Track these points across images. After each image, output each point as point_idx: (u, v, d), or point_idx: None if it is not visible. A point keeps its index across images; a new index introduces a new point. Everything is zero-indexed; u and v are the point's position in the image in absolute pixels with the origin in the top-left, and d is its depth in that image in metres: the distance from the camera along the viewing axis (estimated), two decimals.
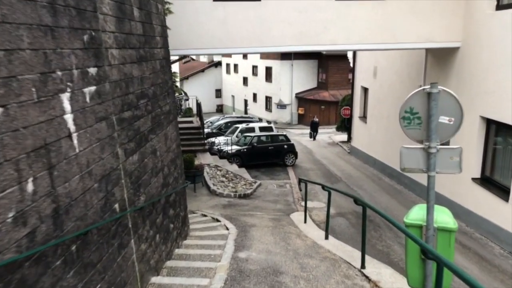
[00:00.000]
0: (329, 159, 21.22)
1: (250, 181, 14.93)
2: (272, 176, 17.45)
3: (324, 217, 11.36)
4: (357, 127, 21.69)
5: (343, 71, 37.34)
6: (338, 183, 16.02)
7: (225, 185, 13.70)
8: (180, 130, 18.16)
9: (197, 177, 12.80)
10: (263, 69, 40.10)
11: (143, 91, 5.78)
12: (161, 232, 6.14)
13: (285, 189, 14.87)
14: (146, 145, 5.74)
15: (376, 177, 16.97)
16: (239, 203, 12.24)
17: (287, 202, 13.00)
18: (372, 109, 19.09)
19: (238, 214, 10.43)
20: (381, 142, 17.79)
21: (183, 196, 8.06)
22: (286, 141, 20.09)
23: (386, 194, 14.38)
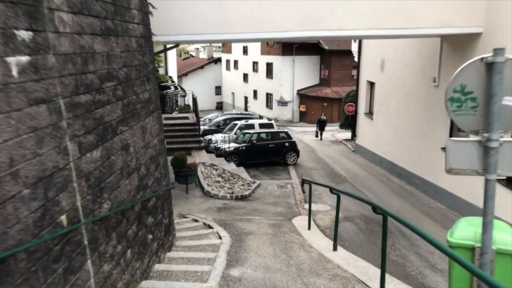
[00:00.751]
0: (333, 158, 20.07)
1: (248, 181, 13.79)
2: (272, 176, 16.31)
3: (329, 221, 10.23)
4: (362, 124, 20.54)
5: (346, 67, 36.24)
6: (344, 184, 14.88)
7: (221, 185, 12.56)
8: (175, 126, 17.05)
9: (190, 177, 11.66)
10: (264, 65, 38.94)
11: (111, 72, 4.64)
12: (135, 246, 5.00)
13: (286, 190, 13.73)
14: (114, 139, 4.60)
15: (384, 177, 15.82)
16: (236, 205, 11.10)
17: (288, 205, 11.86)
18: (379, 104, 17.93)
19: (234, 219, 9.29)
20: (389, 140, 16.64)
21: (168, 200, 6.92)
22: (287, 138, 18.94)
23: (397, 196, 13.22)
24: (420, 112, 13.75)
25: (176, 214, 10.05)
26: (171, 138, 16.50)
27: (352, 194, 6.83)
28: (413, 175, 14.23)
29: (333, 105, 35.49)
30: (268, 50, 38.15)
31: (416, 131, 14.02)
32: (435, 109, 12.60)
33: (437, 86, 12.47)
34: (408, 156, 14.77)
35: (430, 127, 12.96)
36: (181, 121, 17.66)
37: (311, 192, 8.83)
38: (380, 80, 17.73)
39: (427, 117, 13.19)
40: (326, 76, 36.70)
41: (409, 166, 14.62)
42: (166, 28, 9.66)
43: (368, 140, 19.42)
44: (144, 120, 5.77)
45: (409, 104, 14.66)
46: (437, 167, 12.43)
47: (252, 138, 18.19)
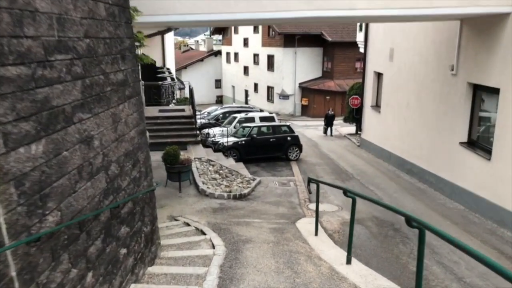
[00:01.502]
0: (337, 153, 18.95)
1: (248, 178, 12.69)
2: (274, 172, 15.20)
3: (338, 224, 9.13)
4: (368, 118, 19.39)
5: (350, 59, 35.04)
6: (350, 181, 13.77)
7: (218, 183, 11.45)
8: (170, 119, 15.91)
9: (183, 174, 10.56)
10: (265, 58, 37.74)
11: (65, 41, 3.52)
12: (99, 267, 3.90)
13: (288, 188, 12.62)
14: (68, 129, 3.49)
15: (394, 174, 14.70)
16: (233, 206, 10.01)
17: (291, 205, 10.76)
18: (387, 97, 16.78)
19: (231, 223, 8.19)
20: (398, 134, 15.50)
21: (150, 204, 5.81)
22: (289, 132, 17.81)
23: (409, 195, 12.10)
24: (434, 103, 12.60)
25: (167, 216, 8.97)
26: (166, 131, 15.42)
27: (373, 199, 5.72)
28: (426, 172, 13.11)
29: (336, 98, 34.30)
30: (269, 42, 36.95)
31: (430, 124, 12.88)
32: (453, 99, 11.46)
33: (455, 75, 11.31)
34: (420, 151, 13.63)
35: (447, 120, 11.82)
36: (177, 114, 16.55)
37: (318, 192, 7.69)
38: (389, 70, 16.56)
39: (443, 109, 12.05)
40: (329, 69, 35.49)
41: (421, 163, 13.50)
42: (154, 7, 8.52)
43: (375, 135, 18.30)
44: (117, 106, 4.65)
45: (422, 95, 13.51)
46: (455, 163, 11.31)
47: (252, 132, 17.07)
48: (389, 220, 9.70)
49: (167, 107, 18.26)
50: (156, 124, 15.68)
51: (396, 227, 9.27)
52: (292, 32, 34.19)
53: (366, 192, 12.34)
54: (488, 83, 9.93)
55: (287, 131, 17.86)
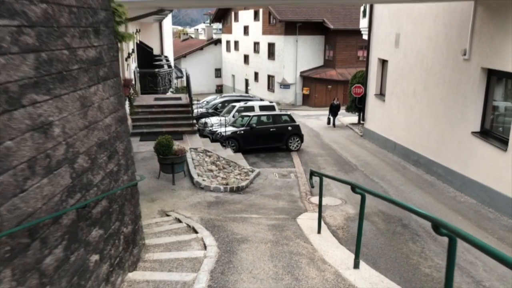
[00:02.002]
0: (340, 143, 18.24)
1: (246, 170, 12.00)
2: (274, 164, 14.51)
3: (342, 219, 8.48)
4: (372, 107, 18.65)
5: (352, 47, 34.20)
6: (354, 173, 13.08)
7: (214, 175, 10.77)
8: (165, 108, 15.18)
9: (177, 165, 9.87)
10: (266, 46, 36.86)
11: (8, 2, 2.80)
12: (60, 280, 3.22)
13: (289, 180, 11.94)
14: (14, 113, 2.78)
15: (399, 165, 14.00)
16: (230, 199, 9.33)
17: (292, 198, 10.09)
18: (392, 85, 16.02)
19: (226, 218, 7.52)
20: (404, 124, 14.78)
21: (132, 201, 5.12)
22: (290, 122, 17.09)
23: (416, 188, 11.42)
24: (444, 91, 11.86)
25: (158, 210, 8.30)
26: (161, 120, 14.72)
27: (387, 197, 4.99)
28: (434, 163, 12.41)
29: (338, 87, 33.52)
30: (270, 30, 36.04)
31: (439, 113, 12.15)
32: (465, 87, 10.71)
33: (467, 60, 10.55)
34: (427, 141, 12.92)
35: (457, 108, 11.09)
36: (173, 102, 15.82)
37: (322, 187, 7.00)
38: (394, 57, 15.78)
39: (454, 97, 11.31)
40: (331, 57, 34.63)
41: (429, 153, 12.79)
42: None
43: (379, 124, 17.57)
44: (87, 89, 3.94)
45: (430, 83, 12.76)
46: (467, 154, 10.60)
47: (251, 122, 16.35)
48: (396, 215, 9.03)
49: (164, 95, 17.53)
50: (151, 113, 14.98)
51: (405, 222, 8.61)
52: (293, 19, 33.29)
53: (371, 185, 11.67)
54: (504, 68, 9.18)
55: (287, 120, 17.14)
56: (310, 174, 7.39)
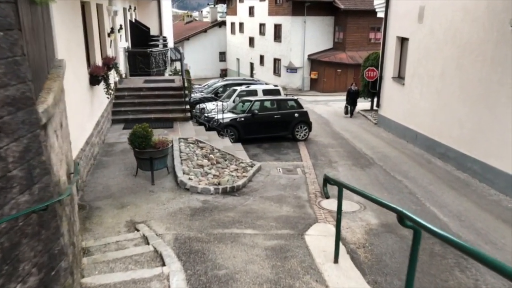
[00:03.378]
0: (352, 132, 16.16)
1: (244, 164, 10.02)
2: (278, 156, 12.50)
3: (363, 233, 6.56)
4: (388, 92, 16.48)
5: (364, 29, 31.75)
6: (372, 168, 11.04)
7: (205, 172, 8.78)
8: (156, 91, 13.12)
9: (157, 161, 7.89)
10: (272, 27, 34.51)
11: None
12: None
13: (295, 177, 9.94)
14: None
15: (422, 159, 11.93)
16: (221, 205, 7.36)
17: (298, 201, 8.10)
18: (414, 66, 13.84)
19: (210, 237, 5.57)
20: (428, 110, 12.66)
21: (42, 235, 3.15)
22: (297, 107, 15.01)
23: (449, 189, 9.37)
24: (484, 70, 9.71)
25: (125, 221, 6.36)
26: (149, 105, 12.76)
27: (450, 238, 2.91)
28: (467, 157, 10.33)
29: (348, 71, 31.21)
30: (276, 10, 33.64)
31: (475, 97, 10.03)
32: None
33: None
34: (459, 131, 10.83)
35: (503, 92, 8.96)
36: (164, 85, 13.80)
37: (341, 202, 5.01)
38: (417, 34, 13.57)
39: (497, 77, 9.17)
40: (341, 40, 32.23)
41: (461, 146, 10.72)
42: None
43: (396, 111, 15.44)
44: None
45: (464, 62, 10.60)
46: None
47: (253, 107, 14.29)
48: None
49: (155, 77, 15.49)
50: (138, 97, 13.00)
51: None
52: None
53: (394, 184, 9.64)
54: None
55: (294, 106, 15.06)
56: (324, 180, 5.38)
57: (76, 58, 7.94)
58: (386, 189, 9.23)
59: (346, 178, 10.03)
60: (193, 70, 41.31)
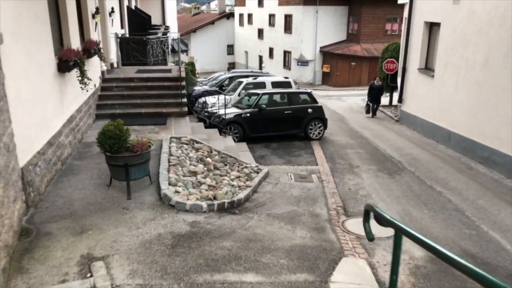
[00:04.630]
0: (372, 130, 14.24)
1: (249, 169, 8.19)
2: (289, 158, 10.63)
3: (406, 274, 4.65)
4: (413, 85, 14.51)
5: (379, 20, 29.71)
6: (402, 174, 9.12)
7: (198, 181, 6.94)
8: (149, 82, 11.11)
9: (135, 168, 6.07)
10: (282, 18, 32.54)
11: None
12: None
13: (310, 186, 8.07)
14: None
15: (461, 164, 9.99)
16: (215, 228, 5.51)
17: (316, 222, 6.24)
18: (447, 54, 11.85)
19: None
20: (466, 106, 10.70)
21: None
22: (311, 102, 13.11)
23: (505, 204, 7.42)
24: None
25: (80, 256, 4.59)
26: (141, 98, 10.97)
27: None
28: None
29: (362, 65, 29.21)
30: (287, 0, 31.63)
31: None
32: None
33: None
34: (509, 131, 8.86)
35: None
36: (159, 75, 11.98)
37: (398, 254, 3.13)
38: (452, 17, 11.56)
39: None
40: (355, 31, 30.18)
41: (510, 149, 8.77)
42: None
43: (423, 106, 13.47)
44: None
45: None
46: None
47: (260, 101, 12.43)
48: (499, 262, 5.13)
49: (151, 67, 13.65)
50: (128, 89, 11.20)
51: None
52: None
53: (433, 196, 7.72)
54: None
55: (307, 100, 13.16)
56: (365, 213, 3.50)
57: (33, 36, 6.13)
58: (424, 204, 7.32)
59: (373, 187, 8.13)
60: (200, 64, 39.50)
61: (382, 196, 7.66)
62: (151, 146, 6.31)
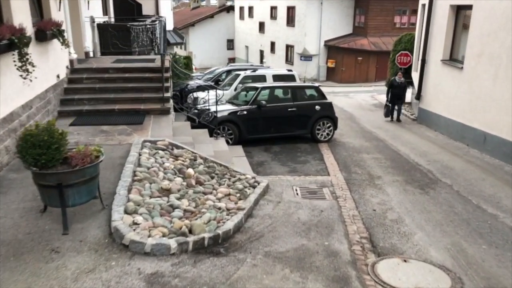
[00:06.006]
0: (387, 131, 12.31)
1: (243, 182, 6.28)
2: (293, 165, 8.69)
3: None
4: (435, 79, 12.55)
5: (388, 12, 27.68)
6: (436, 188, 7.16)
7: (170, 204, 4.97)
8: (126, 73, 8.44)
9: (74, 189, 4.18)
10: (284, 10, 30.52)
11: None
12: None
13: (322, 205, 6.13)
14: None
15: (508, 174, 8.04)
16: (185, 286, 3.58)
17: (334, 266, 4.31)
18: (482, 42, 9.88)
19: None
20: (508, 103, 8.73)
21: None
22: (318, 98, 11.17)
23: None
24: None
25: None
26: (115, 92, 9.07)
27: None
28: None
29: (369, 60, 27.22)
30: None
31: None
32: None
33: None
34: None
35: None
36: (139, 65, 10.04)
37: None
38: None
39: None
40: (362, 24, 28.14)
41: None
42: None
43: (448, 104, 11.53)
44: None
45: None
46: None
47: (260, 97, 10.48)
48: None
49: (132, 56, 11.70)
50: (101, 81, 9.27)
51: None
52: None
53: (487, 222, 5.77)
54: None
55: (314, 96, 11.21)
56: None
57: None
58: (479, 235, 5.37)
59: (404, 208, 6.19)
60: (199, 59, 37.50)
61: (418, 221, 5.72)
62: (100, 156, 4.37)
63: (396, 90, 13.70)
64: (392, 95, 13.77)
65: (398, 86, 13.75)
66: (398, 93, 13.71)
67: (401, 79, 13.89)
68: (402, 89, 13.90)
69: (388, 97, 13.95)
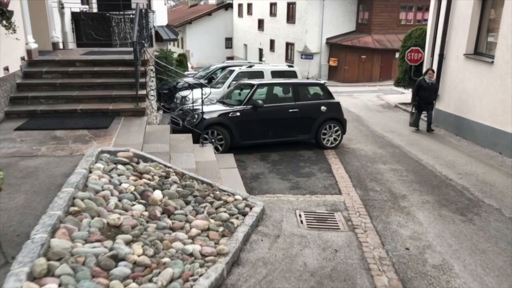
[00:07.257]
0: (401, 135, 10.61)
1: (231, 207, 4.62)
2: (296, 180, 6.96)
3: None
4: (456, 76, 10.86)
5: (393, 8, 25.99)
6: (481, 212, 5.47)
7: (114, 253, 3.32)
8: (95, 66, 6.09)
9: None
10: (284, 7, 28.80)
11: None
12: None
13: (335, 239, 4.46)
14: None
15: None
16: None
17: None
18: None
19: None
20: None
21: None
22: (324, 97, 9.43)
23: None
24: None
25: None
26: (78, 89, 7.39)
27: None
28: None
29: (374, 58, 25.55)
30: None
31: None
32: None
33: None
34: None
35: None
36: (112, 57, 8.34)
37: None
38: None
39: None
40: (366, 21, 26.44)
41: None
42: None
43: (474, 104, 9.85)
44: None
45: None
46: None
47: (256, 95, 8.77)
48: None
49: (106, 48, 9.98)
50: (64, 76, 7.58)
51: None
52: None
53: None
54: None
55: (319, 95, 9.48)
56: None
57: None
58: None
59: (447, 245, 4.50)
60: (196, 58, 35.81)
61: (472, 268, 4.04)
62: None
63: (425, 93, 10.79)
64: (420, 99, 10.93)
65: (428, 88, 10.79)
66: (428, 97, 10.85)
67: (432, 79, 10.90)
68: (433, 91, 11.05)
69: (415, 102, 11.07)
